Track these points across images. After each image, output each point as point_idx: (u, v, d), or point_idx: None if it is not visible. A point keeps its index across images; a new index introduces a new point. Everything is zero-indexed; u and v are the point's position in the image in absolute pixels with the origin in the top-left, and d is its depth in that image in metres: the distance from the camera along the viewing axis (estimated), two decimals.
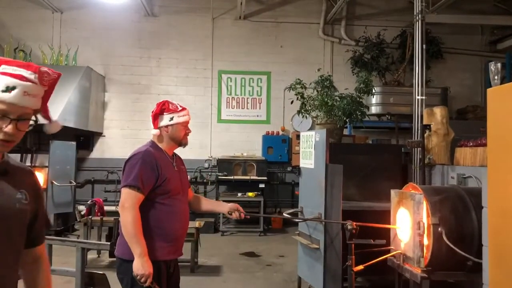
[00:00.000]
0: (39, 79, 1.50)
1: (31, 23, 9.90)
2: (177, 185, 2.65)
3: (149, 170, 2.51)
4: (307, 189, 4.14)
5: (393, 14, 10.38)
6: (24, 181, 1.59)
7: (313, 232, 3.85)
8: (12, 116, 1.44)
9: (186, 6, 10.27)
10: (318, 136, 3.82)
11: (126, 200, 2.46)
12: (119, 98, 10.11)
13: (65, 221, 8.13)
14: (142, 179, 2.47)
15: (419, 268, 3.09)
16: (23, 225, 1.57)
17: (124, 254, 2.51)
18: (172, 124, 2.64)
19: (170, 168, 2.64)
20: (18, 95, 1.44)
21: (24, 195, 1.55)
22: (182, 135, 2.69)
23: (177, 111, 2.68)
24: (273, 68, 10.36)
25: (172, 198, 2.59)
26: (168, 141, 2.69)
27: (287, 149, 10.06)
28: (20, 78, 1.45)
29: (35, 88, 1.49)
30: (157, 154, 2.60)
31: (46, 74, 1.53)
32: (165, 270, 2.57)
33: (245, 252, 7.24)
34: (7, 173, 1.53)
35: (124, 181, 2.51)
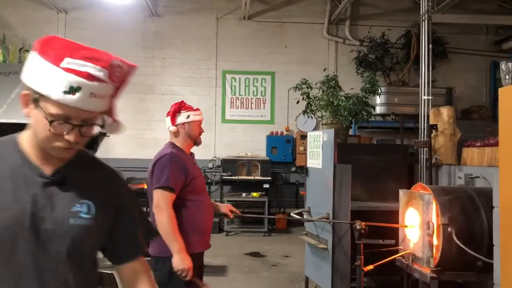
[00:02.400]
0: (110, 75, 1.26)
1: (36, 23, 9.92)
2: (201, 181, 2.82)
3: (178, 170, 2.63)
4: (315, 189, 4.13)
5: (398, 14, 10.36)
6: (94, 188, 1.34)
7: (321, 232, 3.84)
8: (75, 121, 1.21)
9: (190, 6, 10.27)
10: (326, 136, 3.82)
11: (160, 201, 2.55)
12: (123, 98, 9.84)
13: None
14: (173, 180, 2.58)
15: (428, 268, 3.08)
16: (85, 244, 1.30)
17: (160, 252, 2.56)
18: (188, 121, 2.78)
19: (194, 167, 2.79)
20: (83, 97, 1.20)
21: (86, 207, 1.29)
22: (197, 133, 2.83)
23: (193, 110, 2.84)
24: (277, 68, 10.35)
25: (199, 194, 2.74)
26: (185, 138, 2.81)
27: (291, 149, 10.05)
28: (87, 77, 1.20)
29: (104, 88, 1.25)
30: (181, 154, 2.74)
31: (119, 68, 1.30)
32: (197, 263, 2.67)
33: (250, 252, 7.24)
34: (65, 182, 1.28)
35: (157, 183, 2.60)
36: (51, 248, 1.23)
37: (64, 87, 1.18)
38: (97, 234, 1.34)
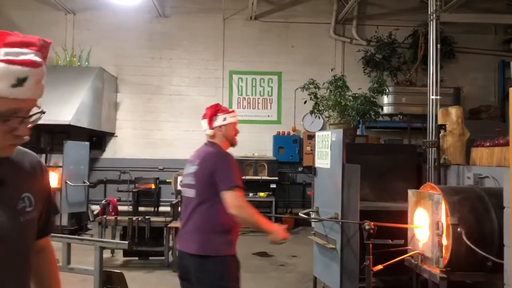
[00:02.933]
0: (43, 57, 1.19)
1: (45, 24, 9.99)
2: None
3: (237, 168, 2.68)
4: (323, 189, 4.13)
5: (405, 14, 10.33)
6: (28, 178, 1.33)
7: (330, 232, 3.84)
8: (23, 113, 1.16)
9: (197, 7, 10.31)
10: (335, 136, 3.82)
11: (239, 200, 2.55)
12: (131, 99, 10.18)
13: (79, 220, 8.22)
14: (239, 179, 2.63)
15: (438, 268, 3.08)
16: (33, 235, 1.34)
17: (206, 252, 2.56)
18: (225, 124, 2.80)
19: None
20: (31, 86, 1.14)
21: (27, 201, 1.29)
22: (233, 134, 2.88)
23: (229, 112, 2.86)
24: (284, 68, 10.36)
25: None
26: (222, 140, 2.83)
27: (298, 149, 10.05)
28: (31, 64, 1.13)
29: (44, 71, 1.19)
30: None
31: (45, 48, 1.21)
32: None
33: (257, 252, 7.24)
34: (3, 182, 1.23)
35: (229, 183, 2.56)
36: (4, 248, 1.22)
37: (11, 81, 1.10)
38: (38, 220, 1.36)
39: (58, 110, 7.80)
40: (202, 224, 2.60)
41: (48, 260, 1.56)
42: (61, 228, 7.54)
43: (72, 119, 7.71)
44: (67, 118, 7.67)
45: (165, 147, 10.09)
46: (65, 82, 8.45)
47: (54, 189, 7.85)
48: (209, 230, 2.58)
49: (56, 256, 3.91)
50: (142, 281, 5.43)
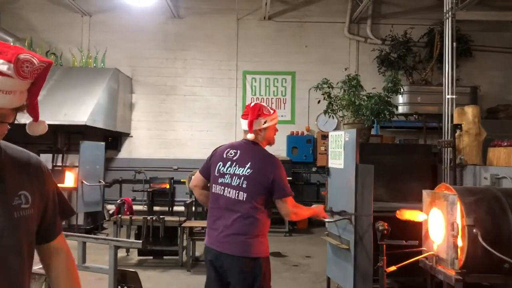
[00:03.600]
0: (16, 70, 1.17)
1: (61, 26, 10.16)
2: None
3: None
4: (336, 189, 4.11)
5: (420, 12, 10.20)
6: (26, 176, 1.36)
7: (343, 233, 3.82)
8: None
9: (211, 7, 10.35)
10: (348, 136, 3.80)
11: (295, 207, 2.81)
12: (146, 99, 10.28)
13: (94, 219, 8.32)
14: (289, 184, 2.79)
15: (453, 270, 3.03)
16: (30, 233, 1.36)
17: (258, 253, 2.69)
18: (265, 127, 2.80)
19: None
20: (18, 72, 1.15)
21: (24, 198, 1.32)
22: (273, 135, 2.92)
23: (270, 114, 2.83)
24: (298, 68, 10.34)
25: None
26: (261, 141, 2.85)
27: (312, 149, 10.02)
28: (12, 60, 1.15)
29: (10, 82, 1.17)
30: None
31: (28, 63, 1.18)
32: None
33: (271, 252, 7.13)
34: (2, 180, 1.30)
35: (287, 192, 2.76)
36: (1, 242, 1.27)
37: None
38: (36, 219, 1.38)
39: (74, 111, 7.93)
40: (252, 229, 2.66)
41: (63, 262, 1.55)
42: (77, 227, 7.66)
43: (88, 119, 7.82)
44: (83, 118, 7.77)
45: (179, 147, 10.16)
46: (81, 83, 8.58)
47: (70, 189, 7.98)
48: (257, 234, 2.68)
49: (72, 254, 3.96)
50: (157, 280, 5.48)
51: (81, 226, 7.84)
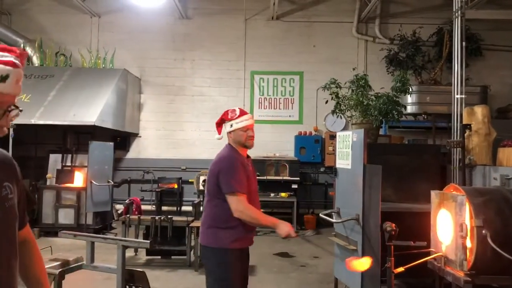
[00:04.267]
0: (22, 62, 1.39)
1: (71, 27, 10.25)
2: (253, 183, 3.00)
3: (240, 172, 2.86)
4: (344, 190, 4.10)
5: (429, 11, 10.13)
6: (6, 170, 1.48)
7: (351, 234, 3.81)
8: (4, 107, 1.34)
9: (219, 8, 10.37)
10: (356, 136, 3.78)
11: (239, 205, 2.79)
12: (154, 100, 10.33)
13: (103, 219, 8.39)
14: (240, 183, 2.82)
15: (462, 271, 3.00)
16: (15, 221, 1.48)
17: (209, 243, 2.86)
18: (232, 130, 2.97)
19: (248, 170, 2.99)
20: (12, 83, 1.34)
21: (8, 188, 1.44)
22: (244, 138, 2.97)
23: (234, 118, 2.98)
24: (306, 68, 10.32)
25: (250, 196, 2.90)
26: (235, 144, 3.00)
27: (320, 150, 9.99)
28: (12, 65, 1.34)
29: (22, 73, 1.39)
30: (239, 157, 2.96)
31: (25, 55, 1.44)
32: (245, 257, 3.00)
33: (278, 252, 7.23)
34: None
35: (230, 188, 2.81)
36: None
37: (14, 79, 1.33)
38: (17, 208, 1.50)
39: (83, 111, 7.99)
40: (208, 219, 2.91)
41: (31, 251, 1.64)
42: (86, 227, 7.73)
43: (97, 120, 7.88)
44: (92, 119, 7.83)
45: (187, 147, 10.19)
46: (90, 84, 8.65)
47: (79, 189, 8.06)
48: (214, 225, 2.85)
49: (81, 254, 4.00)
50: (165, 280, 5.50)
51: (90, 225, 7.90)
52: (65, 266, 3.53)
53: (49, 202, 8.02)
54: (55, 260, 3.61)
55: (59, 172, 8.37)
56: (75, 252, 4.42)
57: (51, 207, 8.00)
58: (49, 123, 7.84)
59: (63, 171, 8.41)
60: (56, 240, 7.65)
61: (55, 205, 7.99)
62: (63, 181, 8.23)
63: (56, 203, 8.01)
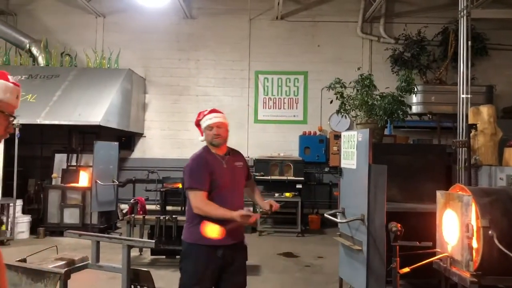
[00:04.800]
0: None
1: (76, 28, 10.29)
2: (224, 180, 2.99)
3: (201, 169, 2.96)
4: (349, 190, 4.09)
5: (434, 11, 10.09)
6: None
7: (356, 234, 3.79)
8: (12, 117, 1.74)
9: (223, 7, 10.38)
10: (361, 136, 3.77)
11: (194, 201, 2.94)
12: (159, 100, 10.35)
13: (108, 219, 8.41)
14: (198, 180, 2.94)
15: (468, 272, 2.99)
16: None
17: (184, 237, 3.05)
18: (203, 129, 3.12)
19: (219, 166, 3.01)
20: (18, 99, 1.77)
21: None
22: (210, 137, 3.07)
23: (201, 119, 3.15)
24: (310, 68, 10.30)
25: (220, 192, 2.95)
26: (207, 143, 3.12)
27: (324, 150, 9.97)
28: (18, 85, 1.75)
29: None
30: (208, 155, 3.03)
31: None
32: (215, 255, 2.92)
33: (283, 252, 7.23)
34: None
35: (186, 185, 3.03)
36: None
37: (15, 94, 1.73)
38: None
39: (89, 111, 8.02)
40: (186, 216, 3.11)
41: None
42: (91, 227, 7.75)
43: (102, 120, 7.90)
44: (97, 119, 7.86)
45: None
46: (95, 84, 8.68)
47: (84, 189, 8.07)
48: (188, 221, 3.05)
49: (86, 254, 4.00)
50: (169, 280, 5.50)
51: (95, 225, 7.93)
52: (71, 266, 3.54)
53: (54, 201, 8.06)
54: (60, 260, 3.62)
55: (64, 172, 8.40)
56: (80, 251, 4.43)
57: (57, 206, 8.03)
58: (54, 123, 7.87)
59: (68, 170, 8.44)
60: (62, 239, 7.68)
61: (61, 204, 8.02)
62: (68, 180, 8.26)
63: (61, 203, 8.04)
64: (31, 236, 7.88)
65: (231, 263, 2.96)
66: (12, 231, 7.36)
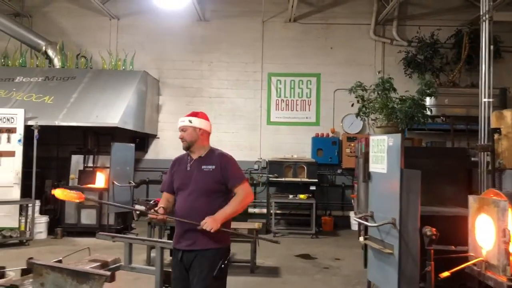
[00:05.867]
0: None
1: (90, 30, 10.36)
2: (182, 183, 3.09)
3: (168, 172, 3.25)
4: (378, 194, 4.12)
5: (448, 13, 10.13)
6: None
7: (386, 237, 3.83)
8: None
9: (237, 10, 10.43)
10: (392, 140, 3.81)
11: None
12: (172, 101, 10.40)
13: (124, 220, 8.47)
14: (163, 183, 3.34)
15: (505, 276, 3.02)
16: None
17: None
18: None
19: (182, 169, 3.15)
20: None
21: None
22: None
23: None
24: (323, 70, 10.34)
25: (178, 195, 3.11)
26: None
27: (337, 151, 10.00)
28: None
29: None
30: (181, 158, 3.24)
31: None
32: (176, 257, 3.06)
33: (300, 254, 7.27)
34: None
35: None
36: None
37: None
38: None
39: (106, 113, 8.08)
40: None
41: None
42: (108, 227, 7.81)
43: (120, 121, 7.95)
44: (115, 120, 7.91)
45: None
46: (112, 86, 8.74)
47: (102, 190, 8.13)
48: None
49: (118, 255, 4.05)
50: None
51: (112, 226, 7.98)
52: (105, 267, 3.57)
53: (71, 202, 8.09)
54: (94, 261, 3.64)
55: (81, 173, 8.46)
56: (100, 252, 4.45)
57: (74, 207, 8.08)
58: (72, 124, 7.93)
59: (85, 171, 8.50)
60: (79, 240, 7.76)
61: (78, 205, 8.07)
62: (85, 181, 8.32)
63: (78, 204, 8.08)
64: (49, 236, 7.94)
65: (189, 269, 2.99)
66: (31, 232, 7.42)
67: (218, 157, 3.12)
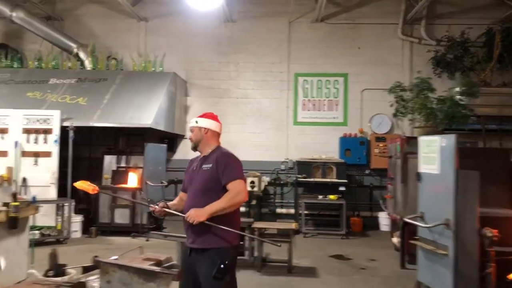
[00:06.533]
0: None
1: (119, 32, 10.49)
2: (188, 182, 3.22)
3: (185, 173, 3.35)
4: (429, 194, 4.10)
5: (477, 12, 10.00)
6: None
7: (439, 238, 3.82)
8: None
9: (263, 10, 10.46)
10: (445, 141, 3.80)
11: None
12: (199, 102, 10.47)
13: (156, 219, 8.53)
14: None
15: None
16: None
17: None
18: None
19: (191, 169, 3.26)
20: None
21: None
22: None
23: None
24: (350, 70, 10.31)
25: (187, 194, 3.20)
26: None
27: (365, 152, 9.95)
28: None
29: None
30: (195, 158, 3.35)
31: None
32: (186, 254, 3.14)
33: (333, 254, 7.26)
34: None
35: None
36: None
37: None
38: None
39: (139, 114, 8.18)
40: None
41: None
42: (141, 227, 7.91)
43: (152, 122, 8.04)
44: (148, 121, 8.00)
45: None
46: (143, 87, 8.84)
47: (135, 189, 8.23)
48: None
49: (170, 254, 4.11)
50: None
51: (145, 225, 8.08)
52: (159, 266, 3.62)
53: (105, 202, 8.23)
54: (148, 260, 3.70)
55: (114, 173, 8.58)
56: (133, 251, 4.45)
57: (107, 207, 8.20)
58: (107, 125, 8.04)
59: (118, 172, 8.61)
60: (113, 239, 7.88)
61: (111, 205, 8.19)
62: (118, 181, 8.43)
63: (112, 203, 8.20)
64: (83, 235, 8.07)
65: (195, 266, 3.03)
66: (68, 231, 7.55)
67: (218, 156, 3.16)
